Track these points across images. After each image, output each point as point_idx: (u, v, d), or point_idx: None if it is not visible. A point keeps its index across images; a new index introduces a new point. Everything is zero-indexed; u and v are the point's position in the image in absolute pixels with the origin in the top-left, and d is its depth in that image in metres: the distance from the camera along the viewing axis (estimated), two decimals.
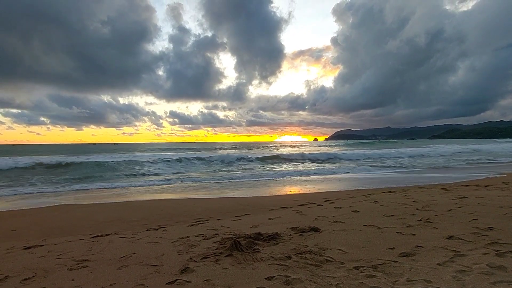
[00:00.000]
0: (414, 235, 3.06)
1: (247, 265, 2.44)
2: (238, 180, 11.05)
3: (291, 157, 19.98)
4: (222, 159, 18.17)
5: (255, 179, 11.39)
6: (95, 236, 3.87)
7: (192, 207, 6.02)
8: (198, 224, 4.35)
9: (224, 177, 12.02)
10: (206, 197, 7.59)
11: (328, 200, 5.84)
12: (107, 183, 10.72)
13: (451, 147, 30.94)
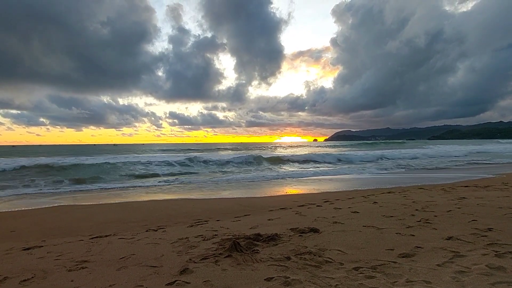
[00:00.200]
0: (414, 236, 3.06)
1: (247, 266, 2.44)
2: (238, 181, 11.05)
3: (292, 158, 19.64)
4: (228, 160, 17.62)
5: (254, 179, 11.38)
6: (94, 237, 3.87)
7: (191, 208, 6.02)
8: (198, 225, 4.35)
9: (224, 178, 12.01)
10: (205, 197, 7.58)
11: (327, 201, 5.84)
12: (107, 184, 10.72)
13: (464, 148, 30.23)
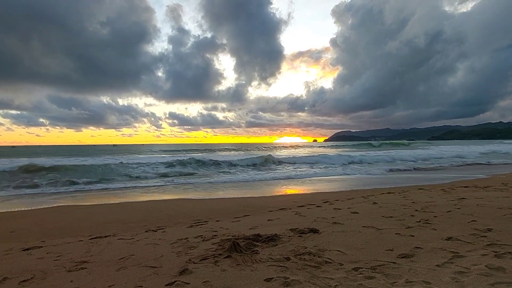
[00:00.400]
0: (413, 236, 3.06)
1: (246, 266, 2.44)
2: (237, 181, 11.05)
3: (302, 160, 18.62)
4: (234, 161, 16.80)
5: (254, 180, 11.39)
6: (94, 238, 3.86)
7: (191, 209, 6.01)
8: (197, 225, 4.35)
9: (224, 178, 12.01)
10: (205, 198, 7.58)
11: (327, 202, 5.84)
12: (106, 184, 10.70)
13: (472, 148, 28.82)
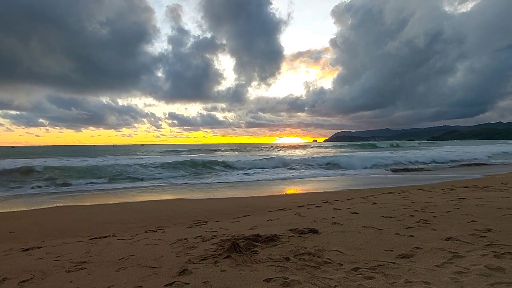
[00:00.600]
0: (413, 236, 3.07)
1: (246, 266, 2.44)
2: (237, 182, 11.06)
3: (317, 161, 17.12)
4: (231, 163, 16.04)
5: (254, 180, 11.39)
6: (93, 238, 3.86)
7: (191, 209, 6.01)
8: (197, 225, 4.34)
9: (223, 179, 12.01)
10: (204, 198, 7.58)
11: (326, 202, 5.84)
12: (106, 184, 10.69)
13: (492, 148, 27.86)
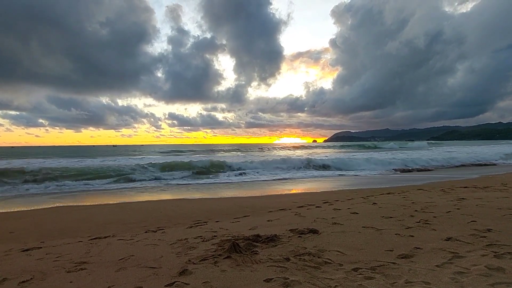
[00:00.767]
0: (413, 236, 3.07)
1: (246, 267, 2.44)
2: (237, 182, 11.06)
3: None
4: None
5: (254, 181, 11.40)
6: (93, 238, 3.86)
7: (191, 209, 6.01)
8: (197, 226, 4.34)
9: (223, 179, 12.02)
10: (204, 198, 7.58)
11: (327, 202, 5.84)
12: (106, 185, 10.69)
13: (503, 148, 27.36)
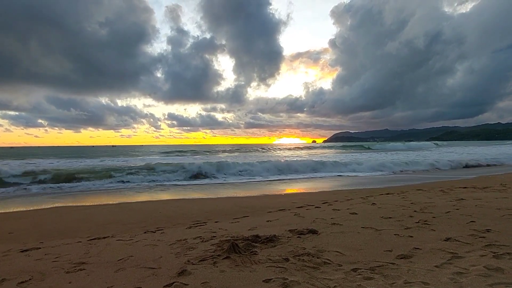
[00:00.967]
0: (412, 237, 3.07)
1: (245, 267, 2.44)
2: (237, 183, 11.07)
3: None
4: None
5: (253, 181, 11.40)
6: (92, 239, 3.85)
7: (190, 209, 6.01)
8: (196, 226, 4.34)
9: (223, 179, 12.02)
10: (204, 199, 7.58)
11: (326, 202, 5.84)
12: (106, 185, 10.68)
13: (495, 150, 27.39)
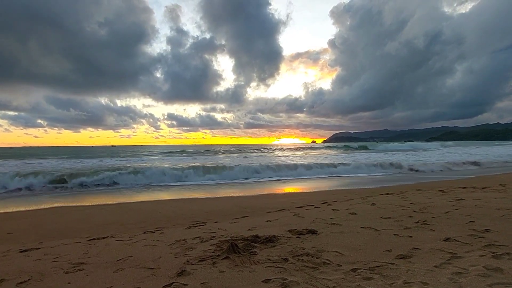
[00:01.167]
0: (411, 237, 3.07)
1: (244, 267, 2.44)
2: (236, 183, 11.06)
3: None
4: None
5: (253, 181, 11.40)
6: (92, 239, 3.85)
7: (189, 210, 6.00)
8: (196, 226, 4.34)
9: (222, 180, 12.01)
10: (203, 199, 7.57)
11: (325, 202, 5.84)
12: (105, 185, 10.66)
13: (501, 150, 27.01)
